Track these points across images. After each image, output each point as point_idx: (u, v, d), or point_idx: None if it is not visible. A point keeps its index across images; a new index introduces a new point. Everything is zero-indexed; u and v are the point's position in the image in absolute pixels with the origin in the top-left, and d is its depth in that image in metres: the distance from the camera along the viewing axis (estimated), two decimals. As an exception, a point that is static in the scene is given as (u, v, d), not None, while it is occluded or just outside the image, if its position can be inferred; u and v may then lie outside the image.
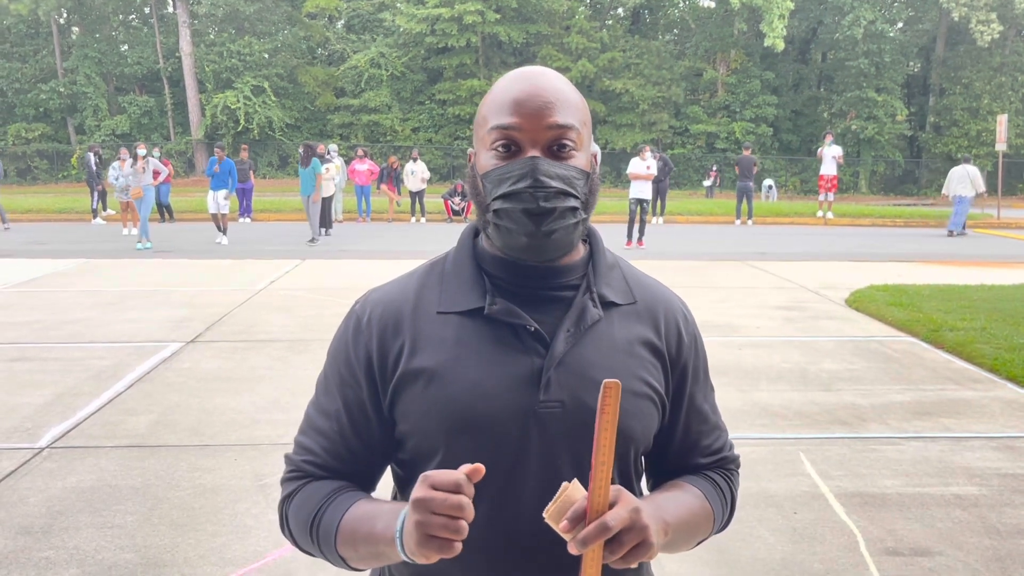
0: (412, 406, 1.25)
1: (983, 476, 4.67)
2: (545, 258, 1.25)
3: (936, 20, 37.76)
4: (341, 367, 1.32)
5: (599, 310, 1.28)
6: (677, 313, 1.37)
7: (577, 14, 37.03)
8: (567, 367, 1.24)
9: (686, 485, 1.36)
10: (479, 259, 1.31)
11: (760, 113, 36.40)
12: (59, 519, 4.01)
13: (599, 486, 1.05)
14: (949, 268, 13.25)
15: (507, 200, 1.21)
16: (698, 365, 1.39)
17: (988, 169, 36.56)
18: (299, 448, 1.34)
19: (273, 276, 11.55)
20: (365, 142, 34.17)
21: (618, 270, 1.36)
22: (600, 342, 1.27)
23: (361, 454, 1.31)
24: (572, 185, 1.22)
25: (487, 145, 1.25)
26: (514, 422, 1.22)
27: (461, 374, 1.23)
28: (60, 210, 21.85)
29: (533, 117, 1.21)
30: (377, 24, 38.50)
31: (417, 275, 1.35)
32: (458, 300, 1.28)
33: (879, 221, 22.67)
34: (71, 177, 33.80)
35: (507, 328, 1.25)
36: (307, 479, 1.32)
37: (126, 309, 9.15)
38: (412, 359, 1.26)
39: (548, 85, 1.24)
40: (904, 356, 7.37)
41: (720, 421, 1.45)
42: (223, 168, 16.78)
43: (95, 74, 36.09)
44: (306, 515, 1.28)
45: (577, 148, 1.24)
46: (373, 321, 1.30)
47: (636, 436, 1.28)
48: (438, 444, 1.24)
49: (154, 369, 6.68)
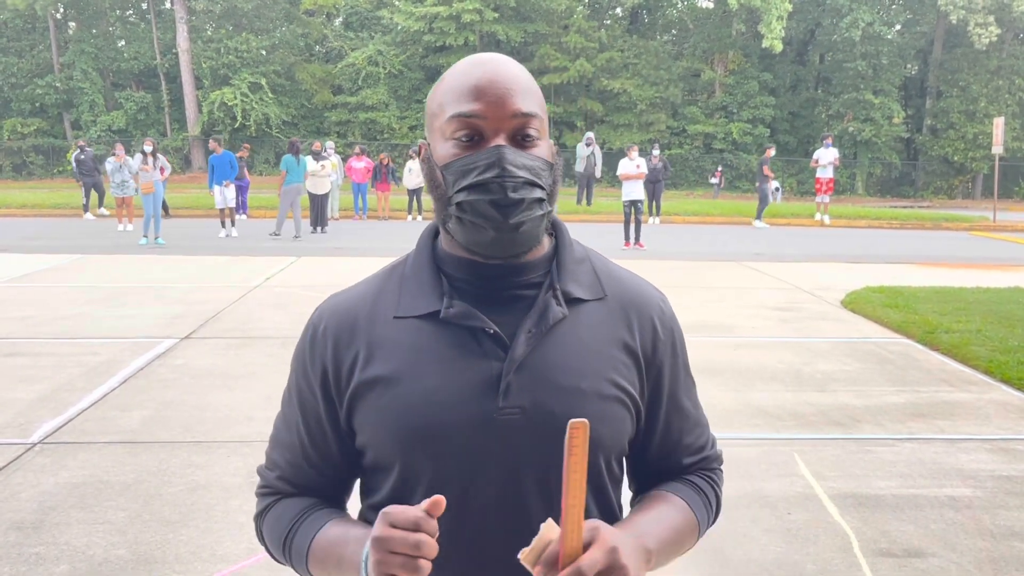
0: (368, 417, 1.20)
1: (977, 478, 4.67)
2: (511, 253, 1.18)
3: (934, 23, 37.82)
4: (300, 379, 1.28)
5: (563, 308, 1.20)
6: (652, 308, 1.29)
7: (575, 13, 37.01)
8: (528, 371, 1.17)
9: (670, 497, 1.29)
10: (438, 260, 1.25)
11: (757, 114, 36.43)
12: (51, 515, 3.99)
13: (571, 529, 1.00)
14: (945, 270, 13.26)
15: (473, 192, 1.13)
16: (677, 362, 1.31)
17: (985, 172, 36.69)
18: (269, 461, 1.33)
19: (268, 273, 11.53)
20: (362, 140, 34.15)
21: (588, 264, 1.28)
22: (565, 342, 1.19)
23: (323, 468, 1.28)
24: (538, 176, 1.16)
25: (446, 135, 1.17)
26: (473, 431, 1.16)
27: (416, 382, 1.17)
28: (55, 205, 21.79)
29: (496, 104, 1.15)
30: (375, 22, 38.47)
31: (377, 279, 1.30)
32: (415, 304, 1.22)
33: (875, 223, 22.70)
34: (67, 173, 33.69)
35: (465, 332, 1.18)
36: (278, 496, 1.31)
37: (120, 305, 9.13)
38: (367, 368, 1.20)
39: (508, 71, 1.18)
40: (899, 358, 7.37)
41: (702, 417, 1.38)
42: (222, 160, 16.82)
43: (92, 69, 36.01)
44: (279, 534, 1.27)
45: (540, 137, 1.19)
46: (328, 332, 1.25)
47: (605, 442, 1.20)
48: (395, 456, 1.20)
49: (148, 365, 6.66)
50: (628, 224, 15.73)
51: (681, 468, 1.34)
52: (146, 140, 16.35)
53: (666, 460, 1.33)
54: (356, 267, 12.28)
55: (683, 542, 1.27)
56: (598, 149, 24.47)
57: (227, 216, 17.00)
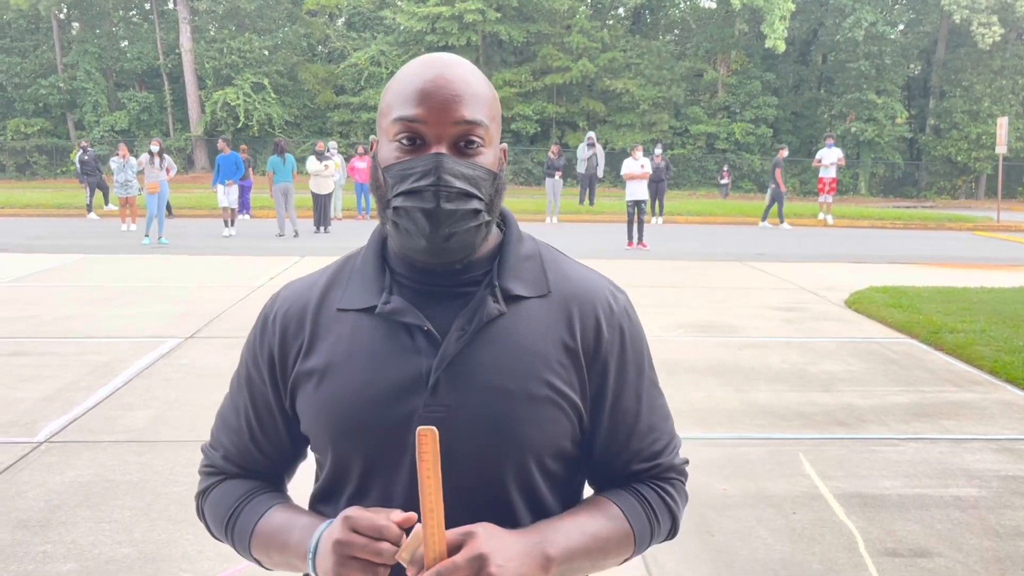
0: (304, 407, 1.23)
1: (982, 478, 4.66)
2: (444, 260, 1.17)
3: (937, 22, 37.77)
4: (250, 365, 1.29)
5: (500, 305, 1.18)
6: (599, 304, 1.23)
7: (578, 13, 37.01)
8: (458, 369, 1.16)
9: (603, 502, 1.24)
10: (386, 255, 1.25)
11: (760, 114, 36.40)
12: (57, 513, 4.00)
13: (431, 534, 1.01)
14: (949, 270, 13.25)
15: (408, 198, 1.13)
16: (625, 361, 1.24)
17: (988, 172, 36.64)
18: (214, 441, 1.34)
19: (272, 272, 11.54)
20: (365, 140, 34.15)
21: (536, 260, 1.24)
22: (498, 341, 1.17)
23: (269, 450, 1.30)
24: (477, 186, 1.14)
25: (390, 136, 1.16)
26: (398, 427, 1.15)
27: (349, 375, 1.18)
28: (59, 205, 21.83)
29: (439, 110, 1.13)
30: (378, 22, 38.48)
31: (330, 270, 1.30)
32: (357, 297, 1.22)
33: (878, 223, 22.69)
34: (70, 173, 33.72)
35: (401, 328, 1.18)
36: (222, 476, 1.32)
37: (124, 305, 9.14)
38: (307, 358, 1.22)
39: (457, 76, 1.15)
40: (903, 358, 7.37)
41: (660, 423, 1.28)
42: (228, 160, 16.90)
43: (95, 70, 36.06)
44: (221, 515, 1.28)
45: (485, 145, 1.16)
46: (278, 319, 1.27)
47: (532, 444, 1.17)
48: (327, 447, 1.21)
49: (152, 364, 6.67)
50: (631, 224, 15.73)
51: (631, 474, 1.27)
52: (153, 140, 16.40)
53: (611, 464, 1.27)
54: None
55: (606, 551, 1.20)
56: (600, 149, 24.46)
57: (229, 215, 17.05)
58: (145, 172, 15.43)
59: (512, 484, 1.19)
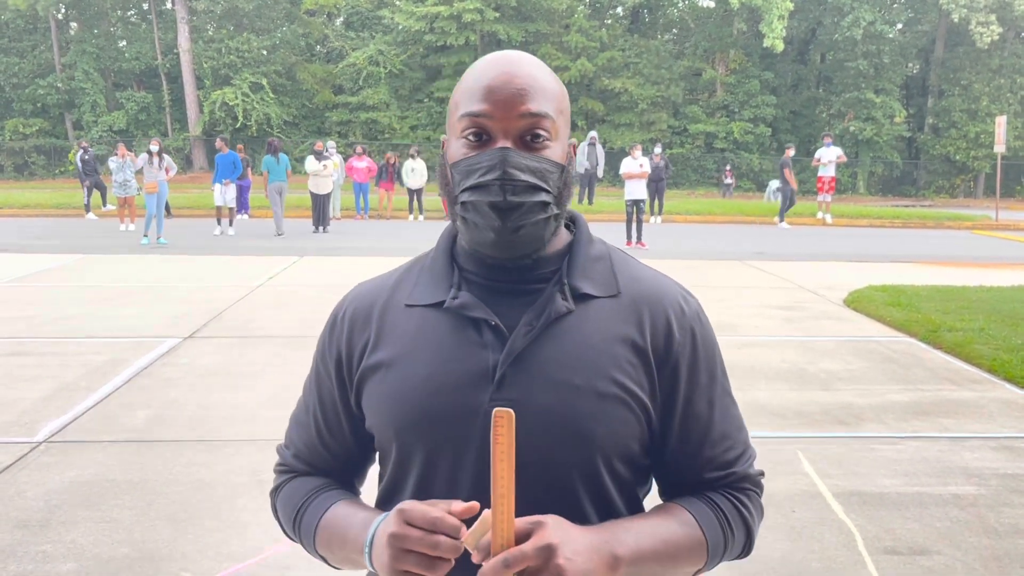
0: (370, 401, 1.24)
1: (981, 476, 4.67)
2: (512, 255, 1.18)
3: (936, 21, 37.80)
4: (319, 363, 1.32)
5: (569, 303, 1.19)
6: (669, 306, 1.23)
7: (576, 13, 37.01)
8: (525, 364, 1.16)
9: (675, 508, 1.22)
10: (455, 252, 1.26)
11: (759, 113, 36.42)
12: (56, 513, 4.00)
13: (500, 519, 1.00)
14: (947, 269, 13.26)
15: (474, 192, 1.14)
16: (697, 365, 1.23)
17: (987, 171, 36.66)
18: (287, 440, 1.36)
19: (271, 272, 11.54)
20: (363, 140, 34.17)
21: (606, 262, 1.25)
22: (566, 338, 1.17)
23: (337, 450, 1.31)
24: (544, 179, 1.15)
25: (457, 133, 1.18)
26: (463, 420, 1.16)
27: (415, 368, 1.19)
28: (57, 205, 21.81)
29: (505, 105, 1.14)
30: (376, 22, 38.47)
31: (401, 269, 1.32)
32: (426, 293, 1.24)
33: (877, 222, 22.70)
34: (68, 173, 33.73)
35: (468, 322, 1.19)
36: (293, 474, 1.34)
37: (124, 304, 9.14)
38: (374, 353, 1.23)
39: (523, 71, 1.16)
40: (902, 356, 7.38)
41: (733, 431, 1.27)
42: (225, 159, 16.94)
43: (93, 70, 36.03)
44: (290, 511, 1.29)
45: (552, 138, 1.17)
46: (347, 317, 1.29)
47: (600, 441, 1.16)
48: (391, 440, 1.21)
49: (152, 364, 6.67)
50: (630, 223, 15.74)
51: (704, 483, 1.25)
52: (152, 140, 16.39)
53: (685, 471, 1.26)
54: (358, 267, 12.28)
55: (677, 558, 1.18)
56: (600, 148, 24.49)
57: (224, 215, 17.08)
58: (144, 172, 15.43)
59: (579, 483, 1.18)
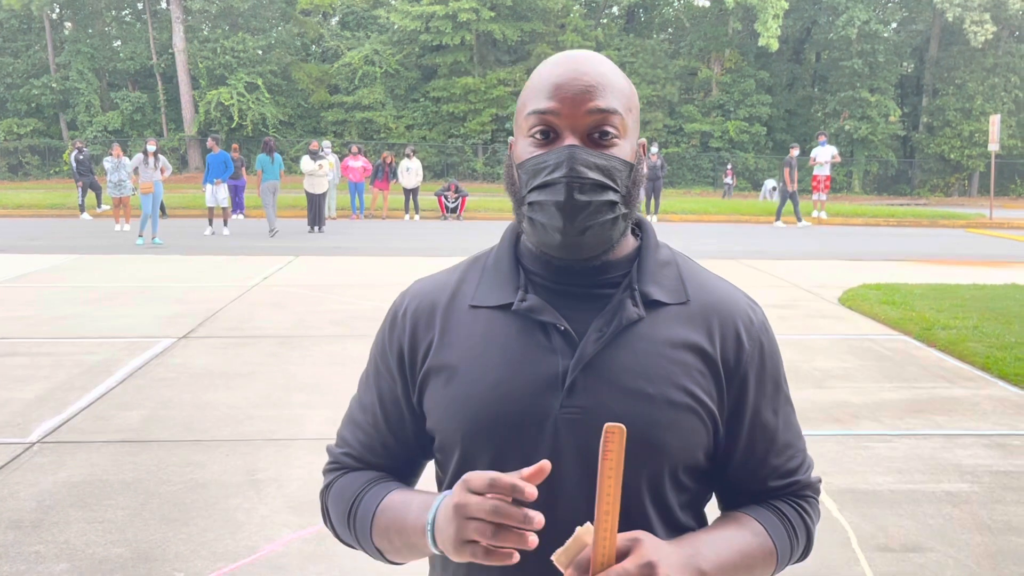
0: (434, 402, 1.21)
1: (974, 473, 4.68)
2: (580, 256, 1.16)
3: (930, 21, 37.88)
4: (378, 360, 1.29)
5: (640, 309, 1.17)
6: (739, 316, 1.22)
7: (572, 12, 37.05)
8: (595, 370, 1.14)
9: (744, 519, 1.22)
10: (519, 254, 1.24)
11: (754, 112, 36.48)
12: (50, 513, 3.99)
13: (603, 536, 0.97)
14: (941, 267, 13.29)
15: (541, 192, 1.12)
16: (764, 375, 1.23)
17: (981, 170, 36.75)
18: (339, 440, 1.33)
19: (266, 272, 11.53)
20: (359, 139, 34.16)
21: (673, 267, 1.24)
22: (637, 345, 1.16)
23: (395, 448, 1.28)
24: (612, 177, 1.13)
25: (524, 132, 1.17)
26: (532, 426, 1.14)
27: (483, 372, 1.17)
28: (52, 206, 21.78)
29: (572, 102, 1.12)
30: (371, 21, 38.46)
31: (460, 268, 1.29)
32: (491, 295, 1.21)
33: (872, 221, 22.74)
34: (63, 173, 33.68)
35: (536, 326, 1.17)
36: (344, 470, 1.30)
37: (118, 305, 9.12)
38: (439, 353, 1.21)
39: (591, 68, 1.15)
40: (896, 354, 7.39)
41: (795, 439, 1.28)
42: (216, 159, 16.96)
43: (87, 70, 35.98)
44: (343, 506, 1.25)
45: (620, 136, 1.15)
46: (408, 314, 1.26)
47: (670, 451, 1.15)
48: (456, 442, 1.19)
49: (146, 364, 6.66)
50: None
51: (767, 491, 1.26)
52: (149, 140, 16.37)
53: (749, 481, 1.25)
54: (355, 266, 12.29)
55: (752, 568, 1.18)
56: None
57: (217, 215, 17.07)
58: (140, 172, 15.39)
59: (646, 493, 1.16)
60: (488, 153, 37.01)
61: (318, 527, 3.89)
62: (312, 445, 4.96)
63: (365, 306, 9.12)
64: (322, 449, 4.88)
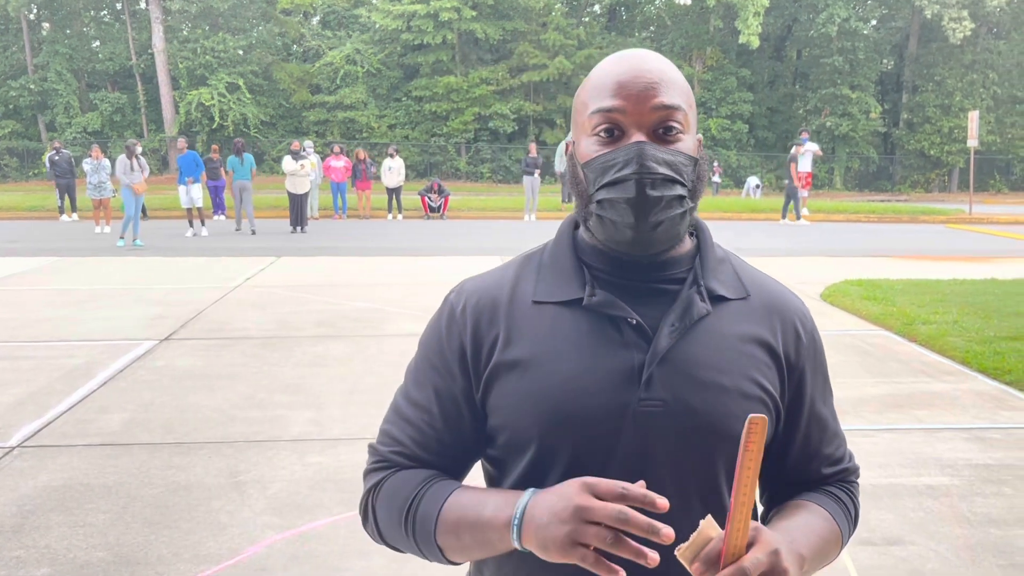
0: (505, 399, 1.19)
1: (954, 466, 4.72)
2: (651, 251, 1.17)
3: (909, 18, 38.15)
4: (433, 357, 1.26)
5: (707, 304, 1.19)
6: (795, 313, 1.28)
7: (554, 11, 37.06)
8: (671, 364, 1.16)
9: (812, 506, 1.26)
10: (579, 250, 1.24)
11: (736, 110, 36.63)
12: (30, 518, 3.96)
13: (737, 527, 0.98)
14: (922, 263, 13.39)
15: (611, 189, 1.13)
16: (818, 368, 1.31)
17: (960, 166, 37.04)
18: (386, 438, 1.28)
19: (248, 273, 11.48)
20: (341, 139, 34.03)
21: (728, 264, 1.27)
22: (708, 338, 1.18)
23: (451, 446, 1.25)
24: (680, 172, 1.15)
25: (588, 131, 1.17)
26: (611, 420, 1.14)
27: (557, 367, 1.16)
28: (31, 208, 21.59)
29: (637, 99, 1.14)
30: (352, 20, 38.34)
31: (513, 266, 1.28)
32: (556, 290, 1.21)
33: (853, 217, 22.88)
34: (42, 175, 33.37)
35: (607, 320, 1.17)
36: (395, 468, 1.25)
37: (99, 307, 9.06)
38: (507, 349, 1.19)
39: (652, 66, 1.17)
40: (878, 349, 7.44)
41: (839, 428, 1.36)
42: (187, 160, 16.98)
43: (66, 71, 35.68)
44: (400, 504, 1.21)
45: (684, 131, 1.16)
46: (468, 310, 1.24)
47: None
48: (531, 439, 1.18)
49: (128, 367, 6.61)
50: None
51: (820, 478, 1.32)
52: (136, 142, 16.25)
53: (805, 470, 1.31)
54: (337, 266, 12.25)
55: (828, 552, 1.23)
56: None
57: (195, 216, 16.99)
58: (125, 173, 15.19)
59: (724, 483, 1.19)
60: (471, 152, 36.98)
61: (301, 528, 3.88)
62: (295, 446, 4.94)
63: (348, 306, 9.10)
64: (304, 450, 4.87)
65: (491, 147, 36.43)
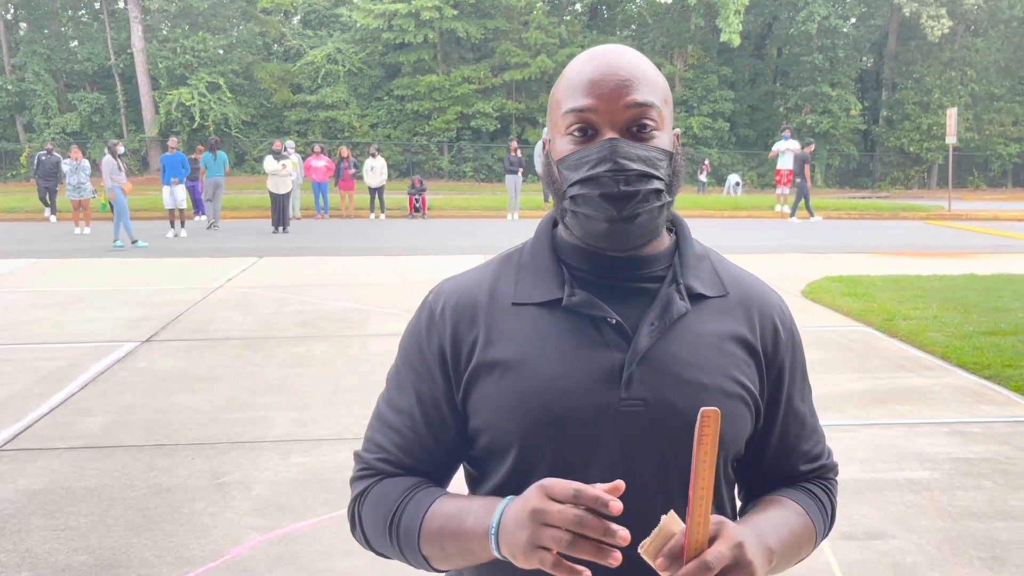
0: (486, 400, 1.18)
1: (935, 461, 4.77)
2: (627, 246, 1.17)
3: (888, 16, 38.41)
4: (414, 360, 1.24)
5: (686, 303, 1.19)
6: (773, 308, 1.27)
7: (535, 9, 37.06)
8: (651, 363, 1.15)
9: (786, 501, 1.26)
10: (558, 250, 1.23)
11: (717, 108, 36.75)
12: (10, 522, 3.93)
13: (698, 521, 0.97)
14: (902, 259, 13.50)
15: (585, 185, 1.13)
16: (795, 364, 1.29)
17: (939, 163, 37.34)
18: (370, 445, 1.27)
19: (230, 274, 11.42)
20: (323, 138, 33.90)
21: (707, 261, 1.26)
22: (687, 337, 1.18)
23: (435, 451, 1.24)
24: (655, 166, 1.14)
25: (562, 130, 1.17)
26: (593, 420, 1.14)
27: (538, 368, 1.16)
28: (9, 209, 21.37)
29: (610, 97, 1.13)
30: (334, 20, 38.19)
31: (492, 266, 1.27)
32: (535, 291, 1.20)
33: (834, 214, 23.01)
34: (20, 176, 33.10)
35: (587, 320, 1.17)
36: (380, 476, 1.24)
37: (80, 309, 8.99)
38: (487, 351, 1.18)
39: (624, 62, 1.15)
40: (859, 345, 7.49)
41: (818, 425, 1.36)
42: (172, 160, 16.87)
43: (44, 71, 35.35)
44: (384, 513, 1.20)
45: (659, 127, 1.16)
46: (447, 312, 1.22)
47: (725, 439, 1.15)
48: (512, 441, 1.17)
49: (109, 369, 6.57)
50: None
51: (797, 475, 1.32)
52: (117, 142, 16.11)
53: (782, 466, 1.31)
54: (320, 267, 12.21)
55: (801, 547, 1.23)
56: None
57: (176, 217, 16.89)
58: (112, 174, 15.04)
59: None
60: (453, 151, 36.94)
61: (285, 529, 3.87)
62: (278, 447, 4.92)
63: (330, 307, 9.07)
64: (288, 451, 4.85)
65: (473, 146, 36.39)
